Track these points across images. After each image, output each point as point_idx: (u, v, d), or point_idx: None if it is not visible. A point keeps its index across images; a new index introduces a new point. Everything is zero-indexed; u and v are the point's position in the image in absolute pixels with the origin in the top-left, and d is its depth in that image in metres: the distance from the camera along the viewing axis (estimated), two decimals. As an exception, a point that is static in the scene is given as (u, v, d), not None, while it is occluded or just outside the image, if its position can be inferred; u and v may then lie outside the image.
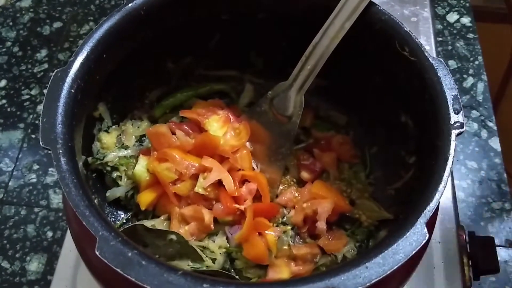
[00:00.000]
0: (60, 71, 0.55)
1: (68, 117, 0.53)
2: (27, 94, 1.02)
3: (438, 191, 0.48)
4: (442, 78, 0.56)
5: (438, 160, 0.51)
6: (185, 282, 0.43)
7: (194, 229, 0.65)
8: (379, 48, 0.63)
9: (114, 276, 0.44)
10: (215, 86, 0.79)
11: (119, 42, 0.61)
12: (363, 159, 0.75)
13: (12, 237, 0.86)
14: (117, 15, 0.60)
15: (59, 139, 0.51)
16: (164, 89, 0.77)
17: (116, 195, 0.69)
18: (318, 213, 0.66)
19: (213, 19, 0.69)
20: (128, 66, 0.65)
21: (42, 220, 0.88)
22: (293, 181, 0.72)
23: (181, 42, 0.71)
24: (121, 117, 0.73)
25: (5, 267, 0.83)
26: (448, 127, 0.52)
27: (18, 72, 1.06)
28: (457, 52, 1.11)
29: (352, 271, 0.44)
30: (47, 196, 0.90)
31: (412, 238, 0.46)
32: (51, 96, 0.53)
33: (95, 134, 0.69)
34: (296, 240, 0.67)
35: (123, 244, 0.45)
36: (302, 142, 0.76)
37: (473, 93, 1.05)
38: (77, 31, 1.13)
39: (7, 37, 1.12)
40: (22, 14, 1.16)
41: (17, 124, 0.99)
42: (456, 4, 1.18)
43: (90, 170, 0.67)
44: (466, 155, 0.97)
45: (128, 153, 0.70)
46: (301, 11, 0.67)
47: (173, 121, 0.73)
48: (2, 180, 0.92)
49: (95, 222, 0.46)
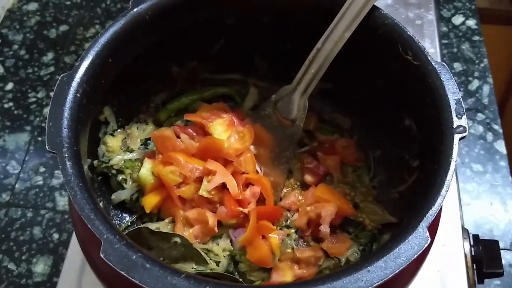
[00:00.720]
0: (66, 76, 0.56)
1: (73, 121, 0.54)
2: (34, 97, 1.03)
3: (440, 196, 0.49)
4: (445, 82, 0.56)
5: (441, 164, 0.51)
6: (188, 285, 0.43)
7: (198, 232, 0.65)
8: (382, 52, 0.63)
9: (118, 278, 0.45)
10: (219, 90, 0.80)
11: (124, 46, 0.62)
12: (367, 162, 0.75)
13: (18, 239, 0.87)
14: (122, 20, 0.61)
15: (65, 143, 0.51)
16: (169, 92, 0.78)
17: (121, 198, 0.69)
18: (321, 217, 0.66)
19: (218, 23, 0.70)
20: (133, 70, 0.66)
21: (48, 222, 0.88)
22: (296, 184, 0.72)
23: (186, 46, 0.71)
24: (126, 120, 0.73)
25: (11, 269, 0.84)
26: (450, 131, 0.53)
27: (24, 75, 1.07)
28: (463, 54, 1.10)
29: (354, 275, 0.44)
30: (53, 198, 0.91)
31: (414, 242, 0.46)
32: (57, 100, 0.54)
33: (101, 138, 0.69)
34: (299, 243, 0.68)
35: (128, 247, 0.45)
36: (306, 145, 0.76)
37: (478, 95, 1.05)
38: (83, 34, 1.14)
39: (14, 40, 1.13)
40: (29, 18, 1.17)
41: (23, 126, 0.99)
42: (461, 6, 1.18)
43: (96, 173, 0.68)
44: (471, 158, 0.97)
45: (133, 156, 0.71)
46: (305, 15, 0.67)
47: (178, 125, 0.73)
48: (9, 183, 0.93)
49: (100, 226, 0.47)
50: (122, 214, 0.71)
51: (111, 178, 0.70)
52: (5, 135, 0.98)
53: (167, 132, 0.69)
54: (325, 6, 0.64)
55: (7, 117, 1.01)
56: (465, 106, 1.03)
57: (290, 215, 0.69)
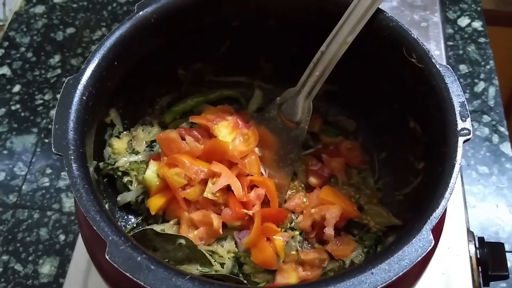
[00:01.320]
0: (72, 79, 0.56)
1: (79, 124, 0.54)
2: (41, 99, 1.04)
3: (444, 198, 0.49)
4: (449, 85, 0.56)
5: (445, 167, 0.51)
6: (193, 286, 0.43)
7: (203, 233, 0.66)
8: (387, 54, 0.63)
9: (123, 279, 0.45)
10: (224, 92, 0.80)
11: (130, 49, 0.63)
12: (372, 164, 0.75)
13: (25, 240, 0.87)
14: (128, 23, 0.61)
15: (71, 145, 0.52)
16: (174, 95, 0.78)
17: (127, 200, 0.70)
18: (326, 219, 0.66)
19: (223, 26, 0.70)
20: (139, 73, 0.66)
21: (54, 224, 0.89)
22: (301, 186, 0.72)
23: (191, 49, 0.72)
24: (132, 122, 0.74)
25: (18, 270, 0.84)
26: (455, 133, 0.53)
27: (31, 77, 1.08)
28: (468, 56, 1.10)
29: (358, 277, 0.44)
30: (59, 200, 0.92)
31: (418, 244, 0.46)
32: (63, 103, 0.54)
33: (107, 140, 0.70)
34: (304, 245, 0.68)
35: (133, 248, 0.46)
36: (311, 147, 0.76)
37: (484, 97, 1.04)
38: (89, 37, 1.15)
39: (21, 42, 1.14)
40: (36, 20, 1.18)
41: (30, 128, 1.00)
42: (467, 8, 1.17)
43: (102, 175, 0.68)
44: (477, 160, 0.96)
45: (139, 158, 0.71)
46: (310, 17, 0.67)
47: (183, 127, 0.73)
48: (15, 184, 0.94)
49: (106, 227, 0.47)
50: (128, 216, 0.71)
51: (117, 180, 0.70)
52: (12, 137, 0.99)
53: (172, 134, 0.70)
54: (330, 9, 0.64)
55: (14, 119, 1.02)
56: (471, 108, 1.02)
57: (295, 217, 0.69)
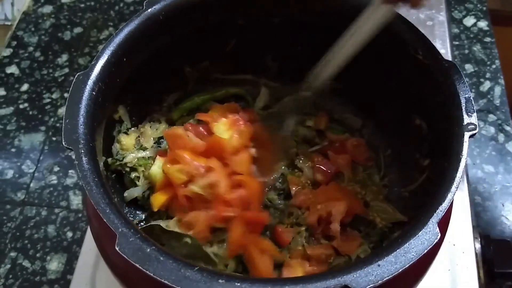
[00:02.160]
0: (82, 74, 0.57)
1: (89, 119, 0.55)
2: (48, 98, 1.05)
3: (451, 192, 0.49)
4: (455, 81, 0.56)
5: (451, 161, 0.51)
6: (202, 277, 0.44)
7: (197, 234, 0.64)
8: (393, 51, 0.64)
9: (132, 271, 0.45)
10: (231, 90, 0.81)
11: (139, 46, 0.63)
12: (378, 161, 0.75)
13: (33, 237, 0.88)
14: (136, 20, 0.62)
15: (81, 139, 0.52)
16: (181, 92, 0.79)
17: (134, 195, 0.70)
18: (332, 215, 0.66)
19: (230, 24, 0.71)
20: (147, 70, 0.67)
21: (62, 221, 0.89)
22: (307, 182, 0.72)
23: (198, 47, 0.72)
24: (140, 119, 0.74)
25: (26, 266, 0.85)
26: (461, 128, 0.53)
27: (39, 77, 1.08)
28: (474, 56, 1.10)
29: (365, 269, 0.44)
30: (67, 197, 0.92)
31: (424, 237, 0.46)
32: (73, 98, 0.55)
33: (115, 136, 0.70)
34: (310, 241, 0.68)
35: (142, 240, 0.46)
36: (317, 144, 0.77)
37: (490, 97, 1.04)
38: (97, 37, 1.15)
39: (29, 42, 1.15)
40: (44, 20, 1.19)
41: (38, 127, 1.01)
42: (473, 8, 1.18)
43: (110, 171, 0.69)
44: (482, 159, 0.96)
45: (147, 154, 0.72)
46: (316, 16, 0.68)
47: (189, 123, 0.74)
48: (23, 182, 0.94)
49: (115, 219, 0.47)
50: (135, 212, 0.71)
51: (125, 176, 0.71)
52: (21, 135, 1.00)
53: (179, 130, 0.70)
54: (336, 8, 0.65)
55: (22, 118, 1.02)
56: (477, 108, 1.02)
57: (301, 213, 0.70)
